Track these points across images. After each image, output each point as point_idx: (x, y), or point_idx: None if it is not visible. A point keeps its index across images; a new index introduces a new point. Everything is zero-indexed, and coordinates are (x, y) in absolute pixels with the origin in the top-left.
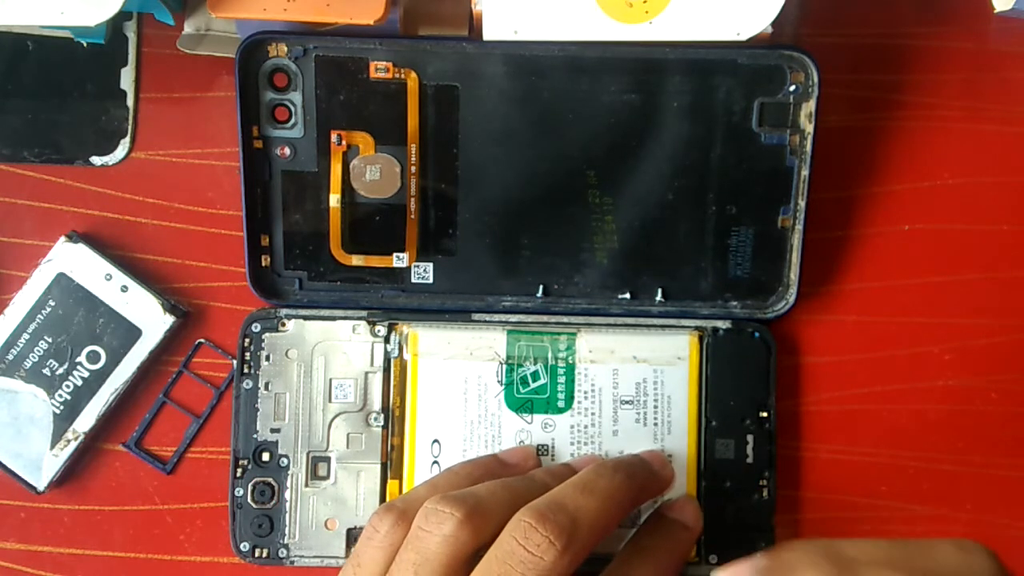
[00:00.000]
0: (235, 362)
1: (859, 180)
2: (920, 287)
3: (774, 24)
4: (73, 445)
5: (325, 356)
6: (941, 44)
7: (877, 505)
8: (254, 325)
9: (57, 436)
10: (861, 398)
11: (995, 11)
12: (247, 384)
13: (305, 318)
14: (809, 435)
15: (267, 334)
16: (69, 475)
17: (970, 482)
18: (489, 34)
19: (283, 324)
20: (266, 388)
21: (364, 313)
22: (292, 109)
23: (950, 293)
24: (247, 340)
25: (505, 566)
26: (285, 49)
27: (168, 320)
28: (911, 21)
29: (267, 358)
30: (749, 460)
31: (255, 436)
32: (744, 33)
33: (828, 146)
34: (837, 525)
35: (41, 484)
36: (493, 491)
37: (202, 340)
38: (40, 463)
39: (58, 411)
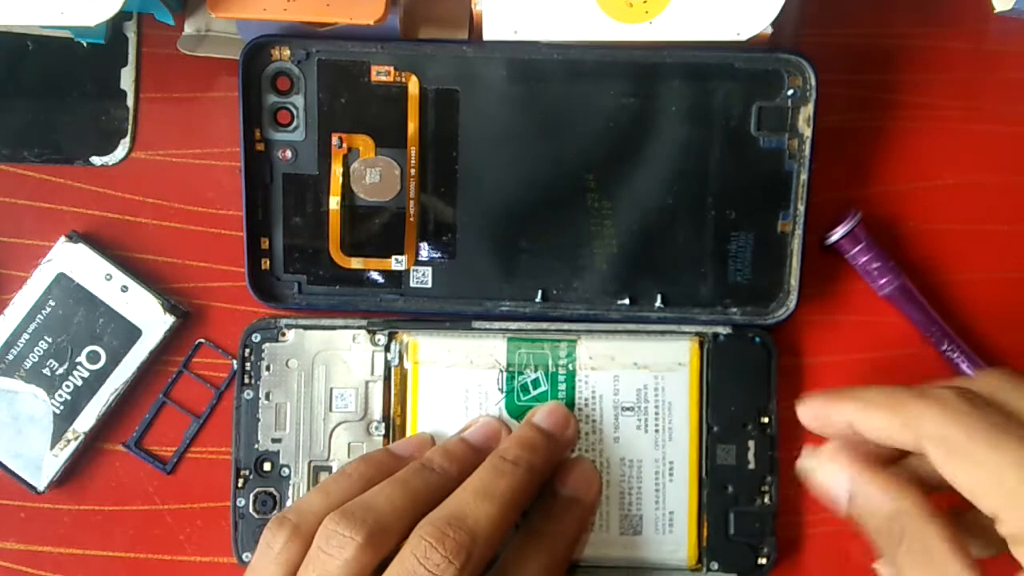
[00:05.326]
0: (235, 363)
1: (859, 180)
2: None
3: (774, 24)
4: (73, 445)
5: (326, 365)
6: (941, 44)
7: None
8: (254, 335)
9: (57, 436)
10: None
11: (995, 11)
12: (248, 394)
13: (305, 327)
14: (811, 438)
15: (267, 344)
16: (69, 475)
17: None
18: (489, 34)
19: (283, 334)
20: (267, 398)
21: (364, 322)
22: (294, 112)
23: (950, 293)
24: (247, 350)
25: None
26: (288, 53)
27: (168, 320)
28: (910, 21)
29: (267, 368)
30: (751, 466)
31: (256, 446)
32: (744, 33)
33: (827, 147)
34: (841, 529)
35: (41, 484)
36: (392, 500)
37: (202, 340)
38: (40, 463)
39: (58, 411)
